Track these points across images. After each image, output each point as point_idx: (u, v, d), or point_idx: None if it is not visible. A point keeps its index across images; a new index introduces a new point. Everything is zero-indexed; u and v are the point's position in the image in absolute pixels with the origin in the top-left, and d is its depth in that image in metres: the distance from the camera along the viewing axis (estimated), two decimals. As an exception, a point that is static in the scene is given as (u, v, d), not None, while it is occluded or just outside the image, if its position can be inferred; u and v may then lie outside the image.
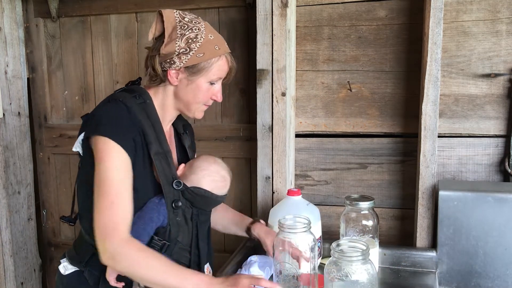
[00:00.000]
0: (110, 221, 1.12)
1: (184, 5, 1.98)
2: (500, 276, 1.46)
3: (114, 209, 1.13)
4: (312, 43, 1.77)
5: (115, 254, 1.11)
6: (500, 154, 1.62)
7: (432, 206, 1.58)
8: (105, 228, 1.12)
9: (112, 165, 1.15)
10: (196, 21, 1.25)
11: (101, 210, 1.13)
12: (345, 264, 1.05)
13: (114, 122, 1.19)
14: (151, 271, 1.11)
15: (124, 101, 1.23)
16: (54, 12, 2.14)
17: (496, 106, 1.60)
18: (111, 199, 1.13)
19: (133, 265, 1.11)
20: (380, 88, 1.72)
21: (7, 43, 2.10)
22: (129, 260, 1.11)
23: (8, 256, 2.13)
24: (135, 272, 1.12)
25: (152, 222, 1.20)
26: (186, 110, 1.32)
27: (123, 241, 1.12)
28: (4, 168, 2.09)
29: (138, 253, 1.12)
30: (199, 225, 1.30)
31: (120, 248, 1.11)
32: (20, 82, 2.19)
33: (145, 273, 1.11)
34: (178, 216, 1.24)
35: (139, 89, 1.29)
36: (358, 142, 1.77)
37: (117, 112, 1.21)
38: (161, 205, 1.22)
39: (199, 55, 1.22)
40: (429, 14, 1.52)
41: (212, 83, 1.28)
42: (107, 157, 1.16)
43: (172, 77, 1.25)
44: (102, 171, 1.15)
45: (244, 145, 2.00)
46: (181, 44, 1.22)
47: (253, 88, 1.89)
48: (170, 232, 1.23)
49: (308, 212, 1.45)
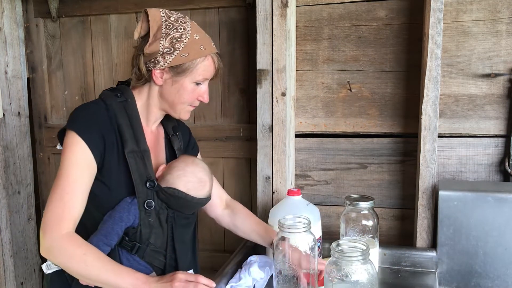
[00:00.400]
0: (55, 215, 1.13)
1: (184, 5, 1.98)
2: (500, 276, 1.46)
3: (63, 204, 1.14)
4: (312, 43, 1.77)
5: (52, 247, 1.12)
6: (500, 154, 1.62)
7: (432, 206, 1.58)
8: (49, 221, 1.13)
9: (72, 160, 1.16)
10: (182, 21, 1.24)
11: (50, 203, 1.15)
12: (345, 264, 1.05)
13: (87, 118, 1.19)
14: (88, 267, 1.11)
15: (104, 99, 1.24)
16: (54, 12, 2.14)
17: (496, 106, 1.61)
18: (62, 194, 1.14)
19: (70, 260, 1.11)
20: (380, 88, 1.72)
21: (7, 43, 2.10)
22: (66, 255, 1.11)
23: (8, 256, 2.13)
24: (72, 267, 1.12)
25: (122, 222, 1.18)
26: (171, 110, 1.29)
27: (63, 235, 1.12)
28: (4, 168, 2.09)
29: (76, 248, 1.11)
30: (175, 228, 1.26)
31: (58, 242, 1.11)
32: (20, 82, 2.19)
33: (81, 269, 1.11)
34: (151, 217, 1.21)
35: (122, 88, 1.29)
36: (358, 142, 1.77)
37: (93, 109, 1.21)
38: (133, 205, 1.19)
39: (184, 55, 1.21)
40: (429, 14, 1.52)
41: (198, 84, 1.26)
42: (69, 151, 1.17)
43: (156, 77, 1.24)
44: (62, 165, 1.17)
45: (244, 145, 2.00)
46: (165, 43, 1.20)
47: (253, 88, 1.89)
48: (141, 233, 1.20)
49: (308, 212, 1.45)
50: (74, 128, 1.17)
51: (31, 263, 2.28)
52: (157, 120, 1.34)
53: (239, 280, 1.36)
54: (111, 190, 1.20)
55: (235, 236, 1.56)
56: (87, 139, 1.16)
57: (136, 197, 1.20)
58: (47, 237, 1.13)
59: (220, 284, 1.33)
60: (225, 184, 2.06)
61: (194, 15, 2.00)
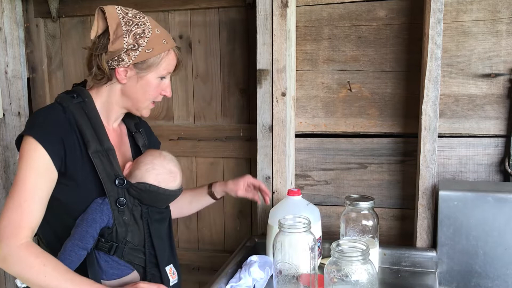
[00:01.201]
0: (12, 223, 1.09)
1: (184, 5, 1.98)
2: (500, 276, 1.46)
3: (20, 211, 1.10)
4: (312, 43, 1.77)
5: (8, 256, 1.07)
6: (500, 154, 1.62)
7: (432, 206, 1.58)
8: (6, 229, 1.08)
9: (30, 166, 1.12)
10: (140, 16, 1.23)
11: (7, 210, 1.10)
12: (345, 264, 1.06)
13: (44, 123, 1.16)
14: (47, 278, 1.07)
15: (60, 101, 1.21)
16: (54, 12, 2.14)
17: (496, 106, 1.61)
18: (20, 201, 1.10)
19: (29, 271, 1.07)
20: (380, 88, 1.72)
21: (7, 43, 2.10)
22: (23, 265, 1.07)
23: (8, 256, 2.13)
24: (30, 278, 1.08)
25: (95, 223, 1.15)
26: (134, 108, 1.28)
27: (21, 245, 1.08)
28: (4, 168, 2.09)
29: (35, 259, 1.08)
30: (151, 223, 1.24)
31: (16, 252, 1.07)
32: (20, 82, 2.19)
33: (40, 280, 1.07)
34: (125, 215, 1.19)
35: (78, 90, 1.26)
36: (358, 142, 1.77)
37: (50, 114, 1.18)
38: (105, 205, 1.17)
39: (148, 50, 1.19)
40: (429, 14, 1.52)
41: (162, 78, 1.26)
42: (27, 157, 1.13)
43: (120, 74, 1.21)
44: (19, 171, 1.12)
45: (244, 145, 2.00)
46: (129, 40, 1.18)
47: (253, 88, 1.89)
48: (117, 232, 1.18)
49: (308, 212, 1.45)
50: (31, 133, 1.13)
51: (31, 263, 2.28)
52: (118, 118, 1.32)
53: (239, 280, 1.36)
54: (79, 193, 1.17)
55: (235, 236, 1.56)
56: (45, 144, 1.13)
57: (107, 197, 1.17)
58: (3, 246, 1.08)
59: (220, 284, 1.33)
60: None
61: (194, 15, 2.00)
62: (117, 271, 1.20)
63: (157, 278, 1.25)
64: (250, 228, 2.03)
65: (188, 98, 2.05)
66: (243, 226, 2.06)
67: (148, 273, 1.23)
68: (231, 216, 2.05)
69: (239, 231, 2.06)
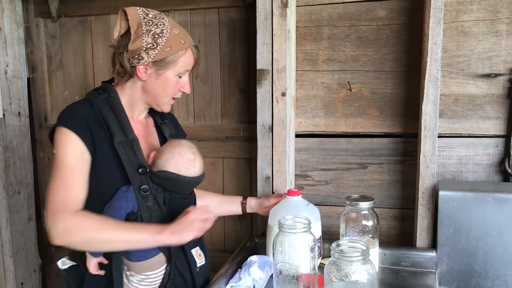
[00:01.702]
0: (61, 200, 1.17)
1: (184, 5, 1.98)
2: (500, 276, 1.46)
3: (66, 190, 1.19)
4: (312, 43, 1.77)
5: (67, 227, 1.15)
6: (500, 154, 1.62)
7: (432, 206, 1.58)
8: (55, 208, 1.17)
9: (65, 150, 1.21)
10: (160, 17, 1.30)
11: (52, 192, 1.19)
12: (345, 264, 1.06)
13: (73, 114, 1.26)
14: (111, 232, 1.17)
15: (88, 97, 1.32)
16: (54, 12, 2.15)
17: (496, 106, 1.61)
18: (63, 181, 1.19)
19: (89, 232, 1.16)
20: (380, 88, 1.72)
21: (7, 43, 2.10)
22: (86, 229, 1.16)
23: (8, 256, 2.13)
24: (96, 237, 1.17)
25: (121, 209, 1.22)
26: (154, 103, 1.36)
27: (74, 214, 1.17)
28: (4, 168, 2.09)
29: (93, 220, 1.17)
30: (175, 208, 1.30)
31: (74, 221, 1.16)
32: (20, 82, 2.19)
33: (106, 235, 1.17)
34: (149, 201, 1.26)
35: (105, 86, 1.36)
36: (358, 142, 1.77)
37: (79, 107, 1.29)
38: (129, 192, 1.24)
39: (166, 49, 1.27)
40: (429, 14, 1.52)
41: (180, 76, 1.33)
42: (61, 143, 1.22)
43: (141, 72, 1.29)
44: (57, 157, 1.21)
45: (244, 145, 2.00)
46: (148, 39, 1.26)
47: (253, 88, 1.89)
48: (142, 217, 1.24)
49: (308, 212, 1.45)
50: (64, 124, 1.23)
51: (31, 263, 2.28)
52: (142, 112, 1.40)
53: (239, 280, 1.36)
54: (105, 182, 1.25)
55: (235, 236, 1.56)
56: (77, 132, 1.22)
57: (131, 184, 1.24)
58: (60, 221, 1.16)
59: (220, 284, 1.33)
60: (225, 184, 2.06)
61: (194, 15, 2.00)
62: (144, 252, 1.25)
63: (182, 260, 1.31)
64: (250, 228, 2.03)
65: (188, 98, 2.05)
66: (243, 226, 2.06)
67: (173, 255, 1.29)
68: (231, 216, 2.04)
69: (239, 231, 2.06)
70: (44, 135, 2.27)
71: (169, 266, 1.29)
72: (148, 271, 1.27)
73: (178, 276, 1.30)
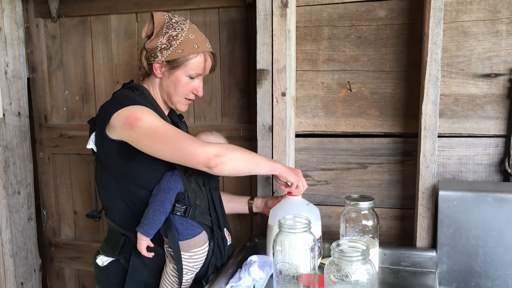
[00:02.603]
0: (194, 142, 1.29)
1: (184, 5, 1.98)
2: (500, 276, 1.46)
3: (184, 135, 1.31)
4: (312, 43, 1.77)
5: (218, 151, 1.28)
6: (500, 154, 1.62)
7: (432, 206, 1.58)
8: (196, 142, 1.29)
9: (149, 117, 1.31)
10: (182, 22, 1.43)
11: (175, 138, 1.29)
12: (345, 264, 1.06)
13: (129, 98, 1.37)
14: (245, 152, 1.34)
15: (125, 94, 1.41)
16: (54, 12, 2.15)
17: (496, 106, 1.61)
18: (173, 133, 1.30)
19: (235, 150, 1.32)
20: (380, 88, 1.72)
21: (7, 43, 2.10)
22: (229, 148, 1.31)
23: (8, 256, 2.13)
24: (240, 156, 1.32)
25: (171, 190, 1.35)
26: (169, 101, 1.48)
27: (216, 144, 1.32)
28: (4, 168, 2.09)
29: (232, 145, 1.35)
30: (212, 191, 1.46)
31: (217, 147, 1.29)
32: (20, 82, 2.19)
33: (245, 153, 1.34)
34: (192, 183, 1.39)
35: (134, 85, 1.48)
36: (358, 142, 1.77)
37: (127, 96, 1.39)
38: (176, 175, 1.38)
39: (178, 51, 1.40)
40: (429, 14, 1.52)
41: (191, 78, 1.44)
42: (139, 115, 1.31)
43: (156, 70, 1.43)
44: (145, 126, 1.29)
45: (244, 145, 1.97)
46: (163, 40, 1.40)
47: (253, 88, 1.89)
48: (188, 197, 1.37)
49: (308, 212, 1.45)
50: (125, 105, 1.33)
51: (31, 263, 2.28)
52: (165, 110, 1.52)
53: (239, 280, 1.36)
54: (152, 168, 1.37)
55: (235, 236, 1.56)
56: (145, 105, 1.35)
57: (176, 168, 1.38)
58: (210, 147, 1.29)
59: (220, 284, 1.33)
60: (225, 184, 2.06)
61: (194, 15, 2.00)
62: (191, 231, 1.37)
63: (220, 237, 1.45)
64: (250, 228, 2.04)
65: (188, 98, 2.05)
66: (243, 226, 2.06)
67: (215, 232, 1.43)
68: (231, 216, 2.04)
69: (239, 231, 2.06)
70: (44, 135, 2.28)
71: (212, 243, 1.42)
72: (195, 248, 1.38)
73: (218, 252, 1.44)
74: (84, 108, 2.20)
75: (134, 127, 1.29)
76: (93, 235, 2.31)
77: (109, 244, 1.48)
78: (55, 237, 2.37)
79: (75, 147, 2.22)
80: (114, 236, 1.46)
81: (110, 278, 1.48)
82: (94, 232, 2.31)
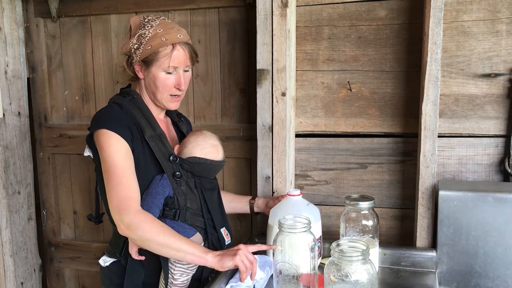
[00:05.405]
0: (122, 197, 1.28)
1: (184, 5, 1.98)
2: (500, 276, 1.46)
3: (123, 186, 1.29)
4: (312, 43, 1.77)
5: (131, 224, 1.25)
6: (500, 154, 1.62)
7: (432, 206, 1.58)
8: (119, 203, 1.27)
9: (113, 151, 1.32)
10: (153, 19, 1.42)
11: (112, 189, 1.29)
12: (345, 264, 1.06)
13: (110, 117, 1.38)
14: (165, 237, 1.25)
15: (115, 101, 1.45)
16: (54, 12, 2.14)
17: (496, 106, 1.61)
18: (119, 179, 1.29)
19: (149, 232, 1.25)
20: (380, 88, 1.72)
21: (7, 43, 2.10)
22: (145, 228, 1.25)
23: (8, 256, 2.13)
24: (151, 238, 1.26)
25: (159, 195, 1.36)
26: (156, 100, 1.47)
27: (138, 212, 1.27)
28: (4, 168, 2.09)
29: (152, 221, 1.27)
30: (204, 192, 1.44)
31: (136, 219, 1.26)
32: (20, 82, 2.19)
33: (159, 239, 1.25)
34: (182, 186, 1.39)
35: (127, 90, 1.50)
36: (358, 142, 1.77)
37: (111, 110, 1.41)
38: (164, 179, 1.38)
39: (148, 47, 1.39)
40: (429, 14, 1.52)
41: (168, 73, 1.41)
42: (108, 145, 1.32)
43: (137, 71, 1.45)
44: (106, 158, 1.32)
45: (244, 145, 2.00)
46: (134, 40, 1.41)
47: (253, 88, 1.89)
48: (178, 200, 1.38)
49: (308, 212, 1.45)
50: (103, 126, 1.34)
51: (31, 263, 2.28)
52: (160, 111, 1.53)
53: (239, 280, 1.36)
54: (141, 173, 1.37)
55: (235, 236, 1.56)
56: (119, 132, 1.33)
57: (165, 172, 1.38)
58: (124, 217, 1.26)
59: (220, 284, 1.33)
60: (225, 184, 2.06)
61: (194, 15, 2.00)
62: (183, 233, 1.35)
63: (215, 238, 1.45)
64: (250, 228, 2.03)
65: (188, 98, 2.05)
66: (243, 226, 2.06)
67: (209, 233, 1.43)
68: (231, 216, 2.05)
69: (239, 231, 2.06)
70: (44, 135, 2.28)
71: (207, 244, 1.42)
72: None
73: None
74: (84, 108, 2.20)
75: (101, 154, 1.34)
76: (93, 235, 2.31)
77: (112, 245, 1.50)
78: (55, 237, 2.37)
79: (75, 147, 2.22)
80: (116, 238, 1.46)
81: (112, 278, 1.51)
82: (94, 232, 2.31)
